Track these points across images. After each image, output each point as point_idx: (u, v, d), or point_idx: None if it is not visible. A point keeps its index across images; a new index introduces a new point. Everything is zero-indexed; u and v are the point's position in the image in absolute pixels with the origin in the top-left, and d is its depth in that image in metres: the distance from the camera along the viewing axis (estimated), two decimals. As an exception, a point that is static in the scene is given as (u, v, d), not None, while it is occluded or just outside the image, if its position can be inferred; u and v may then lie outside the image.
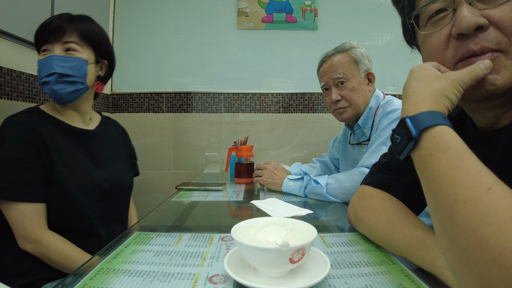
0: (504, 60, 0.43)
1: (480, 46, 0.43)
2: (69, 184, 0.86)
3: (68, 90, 0.89)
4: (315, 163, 1.48)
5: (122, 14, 1.96)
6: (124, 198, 1.08)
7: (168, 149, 1.96)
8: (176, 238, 0.63)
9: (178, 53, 1.98)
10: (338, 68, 1.15)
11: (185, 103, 1.96)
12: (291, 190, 1.09)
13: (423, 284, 0.43)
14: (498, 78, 0.43)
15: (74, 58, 0.90)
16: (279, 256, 0.40)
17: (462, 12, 0.44)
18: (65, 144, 0.91)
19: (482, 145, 0.50)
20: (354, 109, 1.16)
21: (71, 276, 0.46)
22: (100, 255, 0.54)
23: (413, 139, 0.40)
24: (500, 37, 0.42)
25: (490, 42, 0.43)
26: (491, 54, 0.43)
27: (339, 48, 1.19)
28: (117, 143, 1.11)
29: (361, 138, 1.21)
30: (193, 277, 0.46)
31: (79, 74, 0.91)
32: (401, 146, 0.42)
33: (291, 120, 1.97)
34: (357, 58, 1.15)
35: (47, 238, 0.81)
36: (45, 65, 0.88)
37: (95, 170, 0.96)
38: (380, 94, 1.20)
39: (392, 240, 0.53)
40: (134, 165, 1.22)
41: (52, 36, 0.88)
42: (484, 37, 0.43)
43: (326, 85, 1.20)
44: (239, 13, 1.95)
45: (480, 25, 0.43)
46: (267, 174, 1.18)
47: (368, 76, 1.18)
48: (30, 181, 0.81)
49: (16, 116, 0.87)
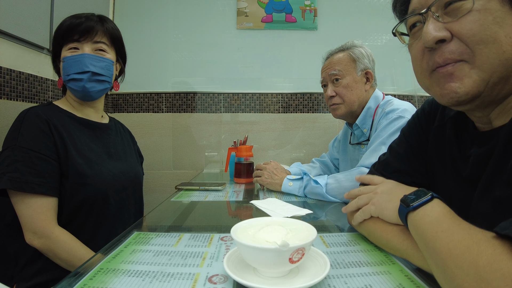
0: (467, 69, 0.45)
1: (443, 58, 0.46)
2: (86, 175, 0.86)
3: (98, 88, 0.94)
4: (315, 163, 1.49)
5: (122, 14, 1.96)
6: (139, 190, 1.10)
7: (168, 149, 1.96)
8: (176, 238, 0.63)
9: (177, 53, 1.98)
10: (335, 65, 1.18)
11: (184, 103, 1.96)
12: (290, 190, 1.09)
13: (422, 284, 0.43)
14: (460, 86, 0.45)
15: (105, 58, 0.94)
16: (278, 256, 0.40)
17: (425, 27, 0.47)
18: (80, 137, 0.91)
19: (480, 144, 0.50)
20: (347, 106, 1.18)
21: (70, 276, 0.46)
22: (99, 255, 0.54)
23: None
24: (463, 48, 0.44)
25: (452, 54, 0.45)
26: (453, 65, 0.45)
27: (341, 47, 1.22)
28: (127, 139, 1.14)
29: (360, 138, 1.21)
30: (193, 277, 0.46)
31: (108, 74, 0.95)
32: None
33: (291, 120, 1.96)
34: (355, 57, 1.17)
35: (56, 233, 0.80)
36: (76, 62, 0.89)
37: (111, 162, 0.97)
38: (380, 94, 1.20)
39: (391, 243, 0.53)
40: (141, 164, 1.23)
41: (84, 36, 0.91)
42: (446, 49, 0.45)
43: (324, 81, 1.24)
44: (239, 13, 1.95)
45: (441, 39, 0.45)
46: (267, 174, 1.18)
47: (366, 75, 1.19)
48: (44, 173, 0.80)
49: (32, 108, 0.87)
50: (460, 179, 0.55)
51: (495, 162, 0.46)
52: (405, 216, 0.48)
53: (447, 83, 0.46)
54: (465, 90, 0.45)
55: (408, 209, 0.47)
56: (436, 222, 0.41)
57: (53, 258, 0.81)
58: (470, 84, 0.44)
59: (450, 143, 0.58)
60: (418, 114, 0.68)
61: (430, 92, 0.52)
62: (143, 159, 1.25)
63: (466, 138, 0.55)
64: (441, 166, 0.60)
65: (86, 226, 0.88)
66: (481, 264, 0.32)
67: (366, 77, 1.19)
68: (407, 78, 2.00)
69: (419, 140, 0.65)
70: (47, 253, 0.80)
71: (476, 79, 0.44)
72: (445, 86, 0.47)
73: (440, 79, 0.47)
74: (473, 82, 0.44)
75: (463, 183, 0.54)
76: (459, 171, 0.55)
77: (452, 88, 0.46)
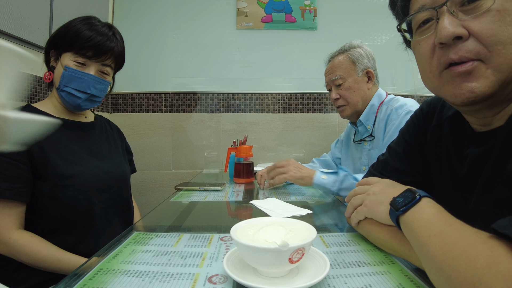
0: (484, 69, 0.44)
1: (459, 55, 0.45)
2: (66, 176, 0.85)
3: (90, 106, 0.98)
4: (315, 163, 1.49)
5: (121, 14, 1.96)
6: (126, 188, 1.08)
7: (167, 149, 1.96)
8: (176, 238, 0.63)
9: (177, 53, 1.98)
10: (336, 70, 1.23)
11: (184, 103, 1.96)
12: (324, 184, 1.03)
13: (422, 283, 0.43)
14: (477, 86, 0.45)
15: (106, 81, 0.97)
16: (278, 256, 0.40)
17: (442, 23, 0.46)
18: (59, 137, 0.89)
19: (478, 145, 0.51)
20: (351, 107, 1.22)
21: (70, 276, 0.46)
22: (99, 255, 0.54)
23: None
24: (479, 48, 0.44)
25: (469, 53, 0.44)
26: (472, 63, 0.44)
27: (341, 49, 1.26)
28: (113, 137, 1.12)
29: (364, 134, 1.24)
30: (193, 277, 0.46)
31: (103, 94, 0.99)
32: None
33: (290, 120, 1.96)
34: (354, 59, 1.20)
35: (14, 238, 0.78)
36: (79, 80, 0.91)
37: (94, 161, 0.96)
38: (383, 93, 1.24)
39: (390, 244, 0.53)
40: (131, 161, 1.22)
41: (96, 56, 0.92)
42: (463, 47, 0.45)
43: (328, 85, 1.29)
44: (238, 13, 1.95)
45: (459, 35, 0.45)
46: (294, 169, 1.10)
47: (368, 74, 1.22)
48: (13, 178, 0.79)
49: None
50: (456, 178, 0.55)
51: (494, 163, 0.46)
52: (396, 220, 0.49)
53: (463, 82, 0.46)
54: (483, 90, 0.44)
55: (397, 213, 0.47)
56: (428, 225, 0.41)
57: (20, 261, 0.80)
58: (487, 84, 0.44)
59: (447, 143, 0.58)
60: (417, 114, 0.68)
61: (438, 92, 0.51)
62: (132, 155, 1.24)
63: (463, 138, 0.55)
64: (438, 165, 0.60)
65: (74, 228, 0.87)
66: (479, 267, 0.31)
67: (367, 76, 1.23)
68: (407, 78, 2.00)
69: (418, 139, 0.66)
70: (12, 257, 0.79)
71: (493, 80, 0.44)
72: (460, 85, 0.46)
73: (455, 77, 0.46)
74: (490, 82, 0.44)
75: (459, 183, 0.54)
76: (455, 170, 0.55)
77: (468, 88, 0.45)
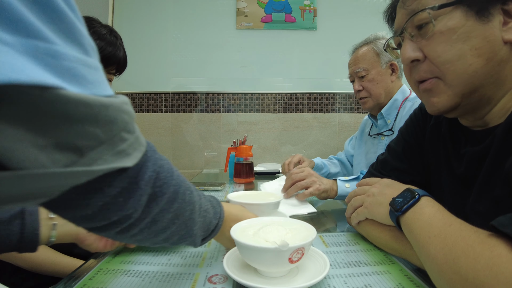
0: (442, 85, 0.48)
1: (419, 75, 0.50)
2: None
3: None
4: (332, 159, 1.48)
5: (121, 14, 1.96)
6: None
7: (167, 149, 1.96)
8: (175, 238, 0.63)
9: (177, 53, 1.98)
10: (359, 62, 1.21)
11: (184, 103, 1.96)
12: (347, 193, 0.88)
13: (422, 283, 0.43)
14: (438, 101, 0.49)
15: None
16: (278, 256, 0.40)
17: (403, 48, 0.51)
18: None
19: (475, 143, 0.51)
20: (374, 99, 1.21)
21: (70, 277, 0.46)
22: (98, 255, 0.54)
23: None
24: (433, 68, 0.48)
25: (426, 73, 0.49)
26: (431, 81, 0.49)
27: (365, 40, 1.25)
28: None
29: (382, 128, 1.22)
30: (192, 277, 0.46)
31: None
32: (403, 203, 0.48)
33: (290, 120, 1.96)
34: (378, 50, 1.19)
35: None
36: None
37: None
38: (407, 89, 1.22)
39: (390, 244, 0.53)
40: None
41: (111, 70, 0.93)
42: (421, 68, 0.50)
43: (351, 77, 1.27)
44: (238, 13, 1.95)
45: (416, 59, 0.50)
46: (318, 180, 0.94)
47: (392, 67, 1.21)
48: None
49: None
50: (453, 177, 0.55)
51: (492, 161, 0.46)
52: (396, 221, 0.49)
53: (428, 97, 0.51)
54: (444, 104, 0.49)
55: (397, 214, 0.48)
56: (427, 225, 0.41)
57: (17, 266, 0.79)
58: (445, 99, 0.48)
59: (445, 141, 0.58)
60: (416, 113, 0.68)
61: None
62: None
63: (460, 137, 0.55)
64: (436, 163, 0.61)
65: None
66: (479, 268, 0.31)
67: (391, 69, 1.21)
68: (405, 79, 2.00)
69: (417, 138, 0.66)
70: (8, 262, 0.79)
71: (450, 94, 0.48)
72: (427, 100, 0.51)
73: (422, 93, 0.52)
74: (448, 97, 0.48)
75: (457, 181, 0.54)
76: (453, 169, 0.55)
77: (432, 102, 0.50)
